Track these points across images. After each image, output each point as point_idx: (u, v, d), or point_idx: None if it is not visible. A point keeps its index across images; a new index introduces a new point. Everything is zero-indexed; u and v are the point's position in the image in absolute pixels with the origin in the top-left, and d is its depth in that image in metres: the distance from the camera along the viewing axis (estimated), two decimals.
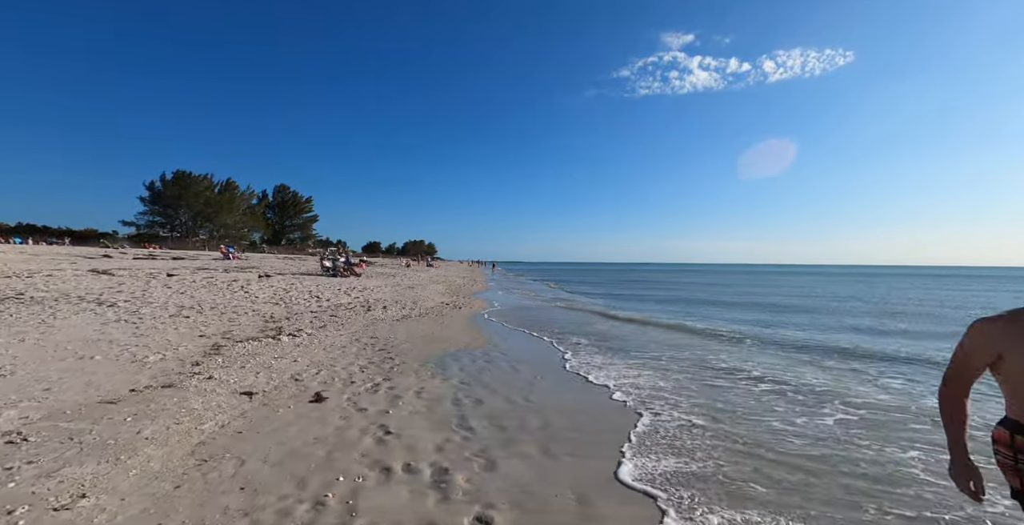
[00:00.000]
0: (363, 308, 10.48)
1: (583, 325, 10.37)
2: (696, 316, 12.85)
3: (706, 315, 13.29)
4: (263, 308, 9.00)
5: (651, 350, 7.50)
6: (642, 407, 4.35)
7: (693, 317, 12.58)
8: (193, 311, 7.82)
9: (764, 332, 9.83)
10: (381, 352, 6.34)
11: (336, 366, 5.28)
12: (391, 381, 4.88)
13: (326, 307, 10.09)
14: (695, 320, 11.74)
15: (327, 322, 8.32)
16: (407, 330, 8.28)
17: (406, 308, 11.23)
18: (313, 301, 10.63)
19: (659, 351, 7.41)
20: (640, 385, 5.18)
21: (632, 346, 7.82)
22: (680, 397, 4.76)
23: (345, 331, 7.64)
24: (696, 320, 11.72)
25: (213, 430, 3.05)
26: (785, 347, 8.18)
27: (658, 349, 7.61)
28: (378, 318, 9.39)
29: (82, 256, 22.12)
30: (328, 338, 6.89)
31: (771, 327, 10.82)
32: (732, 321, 11.86)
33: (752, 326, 10.88)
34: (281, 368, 4.86)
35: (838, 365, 6.79)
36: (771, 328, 10.62)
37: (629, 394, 4.80)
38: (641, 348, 7.67)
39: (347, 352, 6.12)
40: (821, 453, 3.34)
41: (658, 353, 7.23)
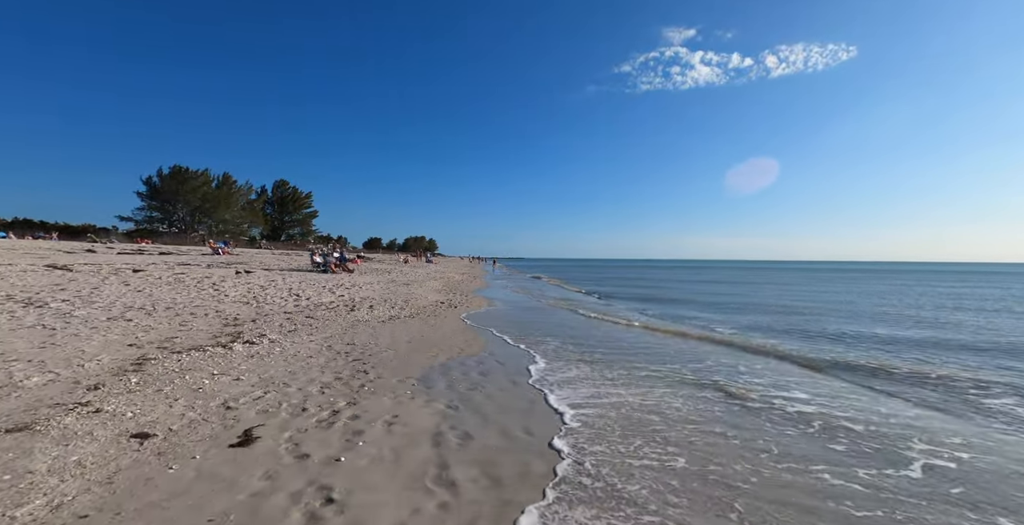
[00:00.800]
0: (346, 308, 9.41)
1: (591, 331, 9.28)
2: (728, 323, 10.81)
3: (737, 322, 11.16)
4: (229, 308, 7.92)
5: (678, 366, 6.43)
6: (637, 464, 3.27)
7: (710, 322, 11.45)
8: (141, 313, 6.74)
9: (828, 350, 7.39)
10: (355, 363, 5.26)
11: (291, 385, 4.20)
12: (357, 405, 3.80)
13: (304, 307, 9.02)
14: (709, 324, 10.64)
15: (300, 325, 7.25)
16: (392, 334, 7.20)
17: (395, 307, 10.15)
18: (291, 300, 9.56)
19: (678, 364, 6.34)
20: (652, 409, 4.10)
21: (654, 359, 6.74)
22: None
23: (318, 336, 6.57)
24: (725, 326, 10.58)
25: (35, 517, 1.95)
26: (848, 370, 6.16)
27: (679, 362, 6.54)
28: (361, 319, 8.31)
29: (62, 251, 21.05)
30: (294, 345, 5.81)
31: (818, 339, 8.81)
32: (769, 331, 9.70)
33: (807, 341, 8.36)
34: (214, 390, 3.78)
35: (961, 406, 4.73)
36: (822, 341, 8.61)
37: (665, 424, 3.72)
38: (663, 360, 6.59)
39: (312, 364, 5.04)
40: None
41: (676, 368, 6.16)
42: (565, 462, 2.96)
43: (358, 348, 6.07)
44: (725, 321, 11.05)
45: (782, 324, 10.62)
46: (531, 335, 7.94)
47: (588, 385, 4.85)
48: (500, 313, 10.95)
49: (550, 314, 11.24)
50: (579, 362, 5.97)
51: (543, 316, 10.87)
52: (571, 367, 5.67)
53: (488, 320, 9.55)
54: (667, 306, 14.81)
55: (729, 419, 3.92)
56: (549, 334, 8.10)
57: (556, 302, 14.61)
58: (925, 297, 19.38)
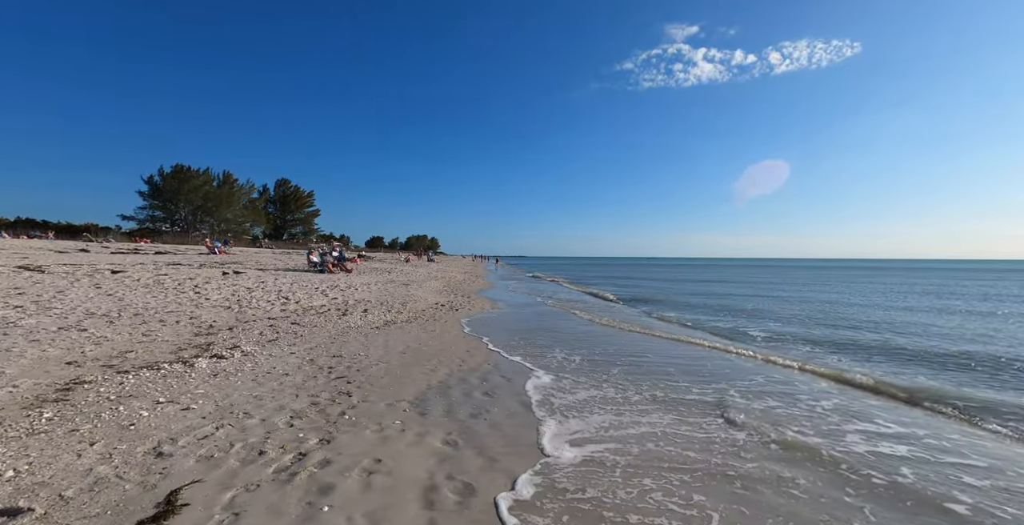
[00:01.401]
0: (338, 312, 8.64)
1: (606, 339, 8.47)
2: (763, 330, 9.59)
3: (769, 329, 9.85)
4: (206, 314, 7.17)
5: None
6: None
7: (739, 329, 10.59)
8: (102, 321, 6.00)
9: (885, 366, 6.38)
10: (338, 382, 4.49)
11: (254, 415, 3.43)
12: (332, 444, 3.03)
13: (292, 311, 8.26)
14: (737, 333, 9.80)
15: (283, 333, 6.49)
16: (385, 343, 6.43)
17: (392, 311, 9.39)
18: (278, 303, 8.80)
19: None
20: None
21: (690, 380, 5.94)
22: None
23: (301, 346, 5.80)
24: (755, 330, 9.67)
25: None
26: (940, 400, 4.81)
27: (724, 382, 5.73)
28: (353, 326, 7.55)
29: (53, 250, 20.41)
30: (270, 359, 5.05)
31: (860, 350, 7.65)
32: (811, 342, 8.29)
33: (858, 357, 7.07)
34: (150, 427, 3.01)
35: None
36: (858, 350, 7.69)
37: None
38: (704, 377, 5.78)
39: (286, 384, 4.27)
40: None
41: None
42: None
43: (345, 361, 5.30)
44: (757, 327, 10.21)
45: (824, 332, 9.42)
46: (539, 344, 7.15)
47: (605, 411, 4.05)
48: (505, 317, 10.17)
49: (559, 319, 10.45)
50: (596, 379, 5.18)
51: (551, 321, 10.07)
52: (587, 387, 4.88)
53: (492, 325, 8.77)
54: (686, 311, 13.34)
55: (804, 477, 3.12)
56: (560, 342, 7.30)
57: (564, 304, 13.80)
58: (974, 299, 18.45)
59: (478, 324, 8.80)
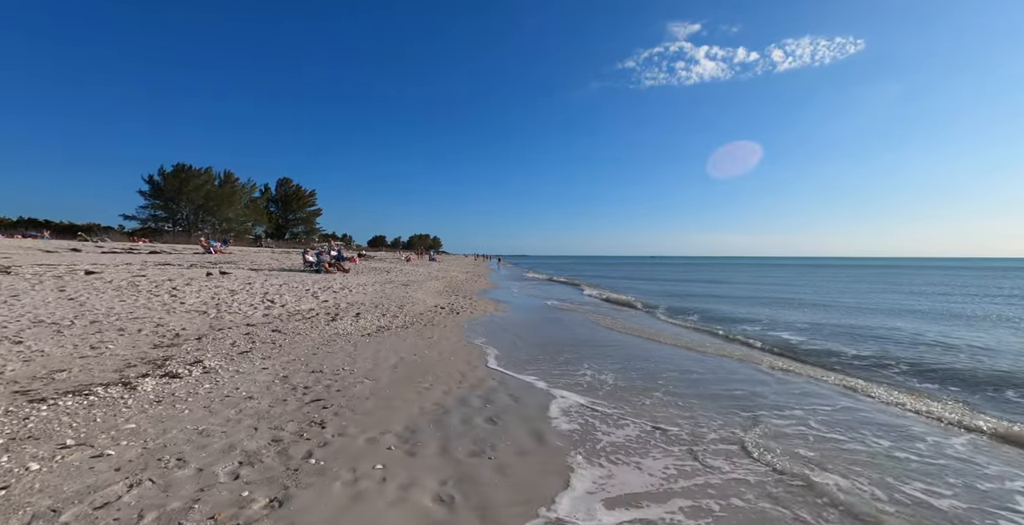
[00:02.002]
0: (327, 316, 7.86)
1: (629, 350, 7.63)
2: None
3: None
4: (175, 320, 6.40)
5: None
6: None
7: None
8: (49, 330, 5.23)
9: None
10: (312, 407, 3.70)
11: (190, 462, 2.64)
12: (285, 508, 2.24)
13: (275, 316, 7.48)
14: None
15: (259, 343, 5.70)
16: (375, 354, 5.64)
17: (387, 314, 8.59)
18: (261, 307, 8.02)
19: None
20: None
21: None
22: None
23: (276, 360, 5.01)
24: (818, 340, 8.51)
25: None
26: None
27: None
28: (342, 332, 6.76)
29: (41, 249, 19.75)
30: (235, 378, 4.26)
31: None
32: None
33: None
34: (29, 491, 2.21)
35: None
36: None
37: None
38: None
39: (246, 411, 3.48)
40: None
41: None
42: None
43: (325, 378, 4.51)
44: (803, 335, 9.36)
45: (914, 352, 7.25)
46: (556, 357, 6.33)
47: (663, 453, 3.24)
48: (511, 322, 9.35)
49: (574, 325, 9.62)
50: (638, 407, 4.36)
51: (566, 327, 9.25)
52: (628, 417, 4.06)
53: (497, 332, 7.95)
54: (718, 316, 11.53)
55: None
56: (581, 354, 6.46)
57: (576, 307, 12.96)
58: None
59: (481, 330, 7.99)
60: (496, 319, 9.44)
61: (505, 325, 8.74)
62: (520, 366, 5.56)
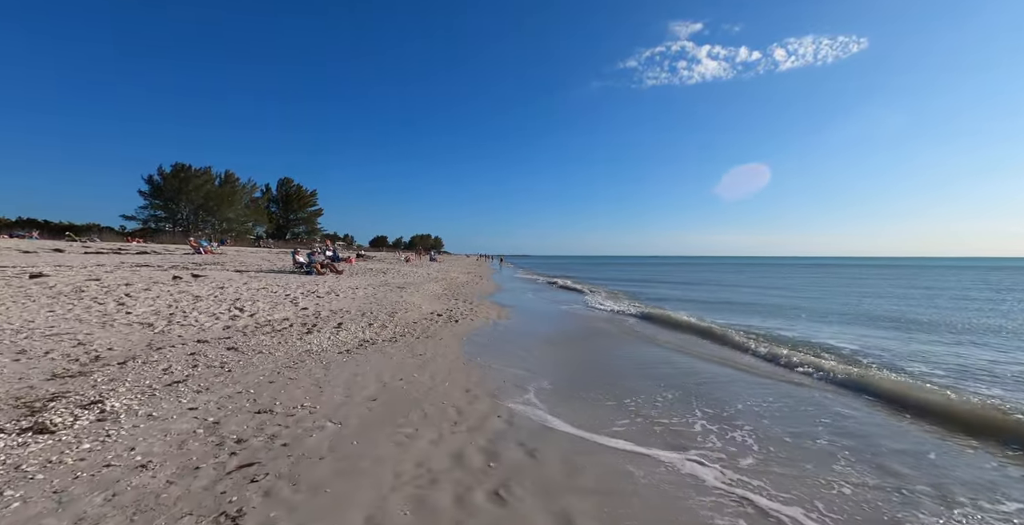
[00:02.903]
0: (303, 328, 6.65)
1: (689, 378, 6.05)
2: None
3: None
4: (107, 336, 5.20)
5: None
6: None
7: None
8: None
9: None
10: (236, 477, 2.49)
11: None
12: None
13: (239, 329, 6.28)
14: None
15: (202, 367, 4.49)
16: (351, 380, 4.43)
17: (375, 324, 7.39)
18: (225, 317, 6.81)
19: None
20: None
21: None
22: None
23: (216, 393, 3.80)
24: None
25: None
26: None
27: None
28: (315, 349, 5.55)
29: (19, 250, 18.64)
30: (142, 427, 3.06)
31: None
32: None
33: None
34: None
35: None
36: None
37: None
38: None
39: (120, 501, 2.27)
40: None
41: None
42: None
43: (273, 422, 3.30)
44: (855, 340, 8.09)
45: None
46: (578, 382, 5.10)
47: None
48: (520, 332, 8.12)
49: (601, 337, 8.37)
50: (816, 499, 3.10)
51: (592, 341, 8.02)
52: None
53: (504, 347, 6.72)
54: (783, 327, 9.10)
55: None
56: (625, 386, 5.22)
57: (593, 314, 11.69)
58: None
59: (484, 342, 6.77)
60: (503, 330, 8.21)
61: (515, 337, 7.51)
62: (551, 401, 4.32)
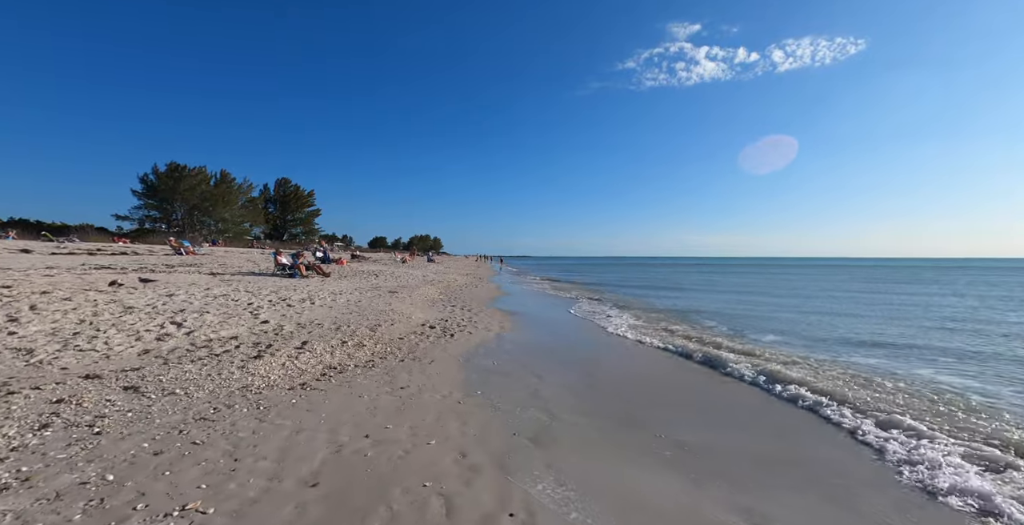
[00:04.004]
0: (253, 348, 5.15)
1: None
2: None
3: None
4: None
5: None
6: None
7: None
8: None
9: None
10: None
11: None
12: None
13: (163, 353, 4.77)
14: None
15: (55, 428, 3.00)
16: (287, 443, 2.93)
17: (351, 341, 5.89)
18: (151, 336, 5.30)
19: None
20: None
21: None
22: None
23: (51, 483, 2.32)
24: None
25: None
26: None
27: None
28: (257, 385, 4.05)
29: None
30: None
31: None
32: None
33: None
34: None
35: None
36: None
37: None
38: None
39: None
40: None
41: None
42: None
43: None
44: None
45: None
46: (616, 430, 3.59)
47: None
48: (530, 348, 6.59)
49: (611, 349, 6.86)
50: None
51: (606, 358, 6.52)
52: None
53: (512, 372, 5.19)
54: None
55: None
56: (656, 422, 3.70)
57: (621, 327, 9.56)
58: None
59: (488, 368, 5.26)
60: (508, 345, 6.69)
61: (522, 354, 5.99)
62: (588, 477, 2.78)
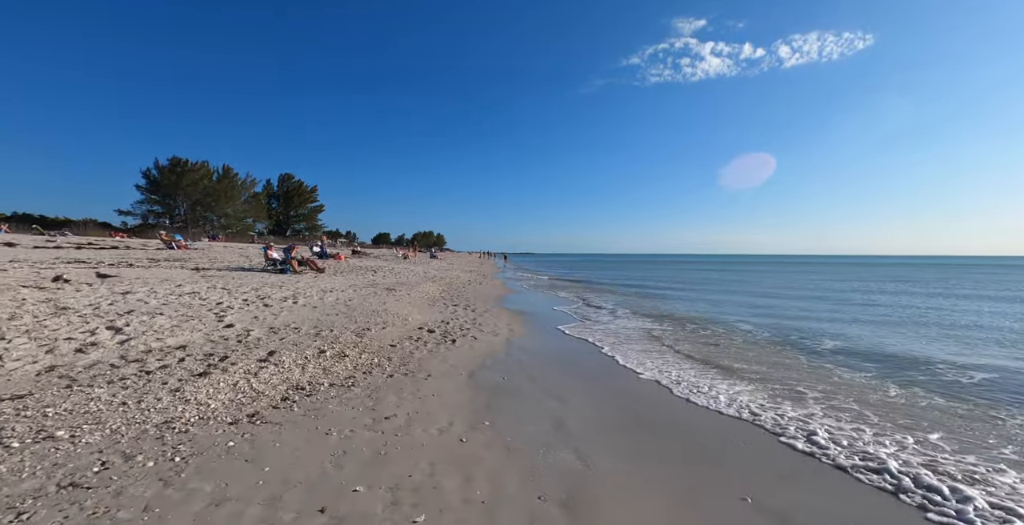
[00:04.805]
0: (202, 362, 4.02)
1: None
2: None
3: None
4: None
5: None
6: None
7: None
8: None
9: None
10: None
11: None
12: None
13: (74, 371, 3.66)
14: None
15: None
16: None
17: (331, 350, 4.75)
18: (68, 346, 4.17)
19: None
20: None
21: None
22: None
23: None
24: None
25: None
26: None
27: None
28: (187, 418, 2.91)
29: None
30: None
31: None
32: None
33: None
34: None
35: None
36: None
37: None
38: None
39: None
40: None
41: None
42: None
43: None
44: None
45: None
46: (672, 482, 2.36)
47: None
48: (547, 358, 5.39)
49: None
50: None
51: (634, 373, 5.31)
52: None
53: (528, 392, 4.00)
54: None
55: None
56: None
57: (667, 340, 7.14)
58: None
59: (497, 386, 4.08)
60: (520, 354, 5.50)
61: (538, 366, 4.81)
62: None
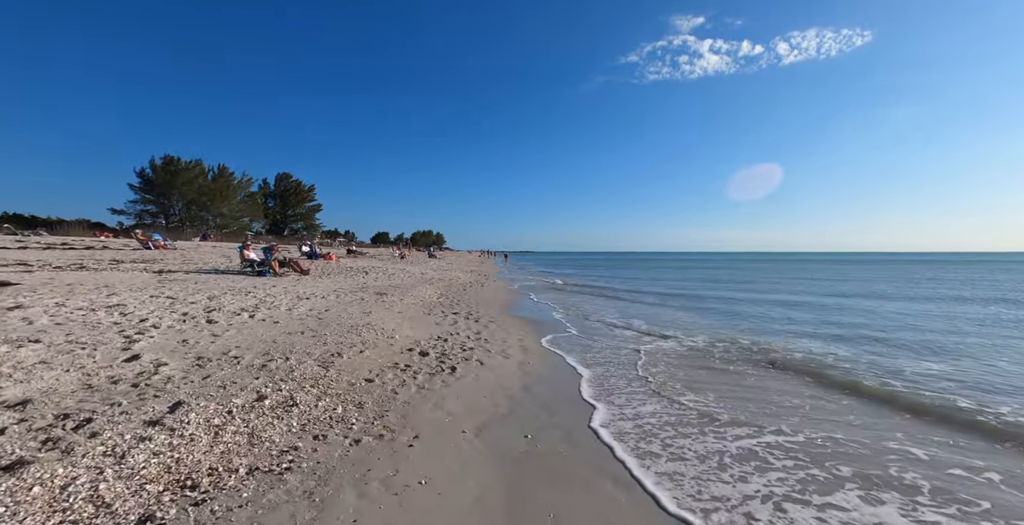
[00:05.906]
0: (28, 438, 2.45)
1: None
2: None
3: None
4: None
5: None
6: None
7: None
8: None
9: None
10: None
11: None
12: None
13: None
14: None
15: None
16: None
17: (277, 394, 3.17)
18: None
19: None
20: None
21: None
22: None
23: None
24: None
25: None
26: None
27: None
28: None
29: None
30: None
31: None
32: None
33: None
34: None
35: None
36: None
37: None
38: None
39: None
40: None
41: None
42: None
43: None
44: None
45: None
46: None
47: None
48: (583, 405, 3.79)
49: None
50: None
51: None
52: None
53: (576, 480, 2.38)
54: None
55: None
56: None
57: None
58: None
59: (521, 463, 2.44)
60: (542, 389, 3.87)
61: (580, 423, 3.20)
62: None
